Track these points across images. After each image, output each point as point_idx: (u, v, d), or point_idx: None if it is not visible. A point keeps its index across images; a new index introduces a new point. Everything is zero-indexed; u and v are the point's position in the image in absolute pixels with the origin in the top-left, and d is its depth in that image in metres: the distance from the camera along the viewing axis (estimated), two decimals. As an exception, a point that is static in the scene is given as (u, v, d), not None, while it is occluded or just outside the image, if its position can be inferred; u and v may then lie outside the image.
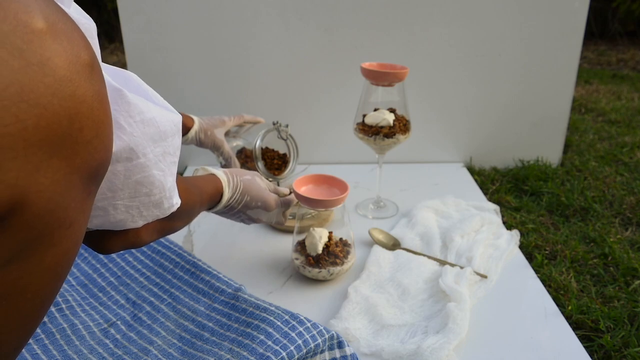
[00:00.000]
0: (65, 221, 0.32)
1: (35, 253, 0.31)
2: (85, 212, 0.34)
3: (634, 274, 0.87)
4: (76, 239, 0.34)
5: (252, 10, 1.14)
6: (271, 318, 0.64)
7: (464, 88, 1.23)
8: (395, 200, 1.08)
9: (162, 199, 0.48)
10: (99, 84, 0.32)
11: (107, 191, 0.43)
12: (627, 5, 2.79)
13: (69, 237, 0.33)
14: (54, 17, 0.30)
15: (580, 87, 2.05)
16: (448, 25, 1.17)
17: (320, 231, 0.82)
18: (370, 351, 0.67)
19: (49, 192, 0.30)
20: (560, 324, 0.73)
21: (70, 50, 0.30)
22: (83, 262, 0.82)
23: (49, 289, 0.34)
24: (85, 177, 0.32)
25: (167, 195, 0.48)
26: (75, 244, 0.34)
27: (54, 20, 0.30)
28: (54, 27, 0.29)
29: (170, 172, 0.48)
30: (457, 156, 1.30)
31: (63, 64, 0.29)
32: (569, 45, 1.19)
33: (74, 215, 0.32)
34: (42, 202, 0.29)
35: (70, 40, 0.30)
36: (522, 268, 0.86)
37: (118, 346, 0.65)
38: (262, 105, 1.23)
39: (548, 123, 1.27)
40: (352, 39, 1.18)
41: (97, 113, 0.32)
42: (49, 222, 0.30)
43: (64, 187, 0.31)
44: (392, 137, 0.94)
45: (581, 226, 1.02)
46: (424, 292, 0.79)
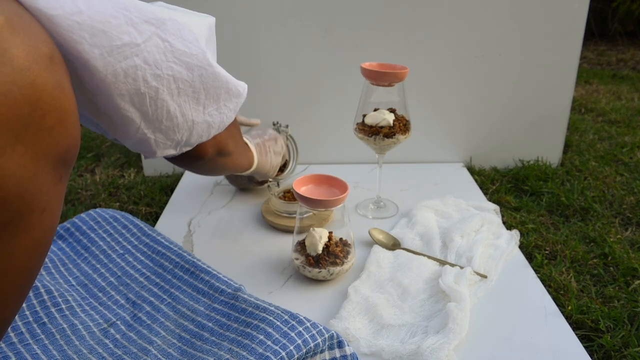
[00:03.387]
0: (38, 206, 0.33)
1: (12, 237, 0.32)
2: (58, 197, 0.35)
3: (634, 274, 0.87)
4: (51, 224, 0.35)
5: (252, 10, 1.14)
6: (271, 318, 0.64)
7: (463, 88, 1.23)
8: (395, 200, 1.08)
9: (236, 86, 0.53)
10: (60, 74, 0.34)
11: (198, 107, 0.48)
12: (627, 5, 2.79)
13: (43, 222, 0.34)
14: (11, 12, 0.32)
15: (580, 87, 2.05)
16: (448, 25, 1.17)
17: (320, 231, 0.82)
18: (370, 351, 0.67)
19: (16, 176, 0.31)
20: (560, 324, 0.73)
21: (29, 42, 0.32)
22: (83, 262, 0.82)
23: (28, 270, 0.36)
24: (54, 163, 0.33)
25: (235, 82, 0.53)
26: (51, 228, 0.36)
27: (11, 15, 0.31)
28: (11, 21, 0.31)
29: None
30: (457, 156, 1.30)
31: (21, 54, 0.31)
32: (569, 45, 1.19)
33: (46, 200, 0.34)
34: (10, 187, 0.31)
35: (29, 34, 0.32)
36: (522, 268, 0.86)
37: (118, 346, 0.65)
38: (262, 105, 1.23)
39: (548, 123, 1.27)
40: (352, 39, 1.18)
41: (60, 101, 0.33)
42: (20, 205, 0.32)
43: (32, 172, 0.32)
44: (392, 137, 0.93)
45: (581, 226, 1.02)
46: (424, 292, 0.79)
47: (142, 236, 0.84)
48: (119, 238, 0.85)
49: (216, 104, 0.51)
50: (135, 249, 0.83)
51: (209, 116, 0.51)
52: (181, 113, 0.48)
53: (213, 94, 0.50)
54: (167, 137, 0.49)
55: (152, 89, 0.44)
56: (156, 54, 0.43)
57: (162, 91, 0.45)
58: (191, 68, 0.46)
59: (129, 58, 0.42)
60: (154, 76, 0.44)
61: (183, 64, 0.45)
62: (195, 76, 0.47)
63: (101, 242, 0.85)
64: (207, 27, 0.49)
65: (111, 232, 0.87)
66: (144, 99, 0.45)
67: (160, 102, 0.45)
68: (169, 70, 0.45)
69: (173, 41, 0.44)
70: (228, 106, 0.54)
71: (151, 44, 0.43)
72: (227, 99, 0.53)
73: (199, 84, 0.48)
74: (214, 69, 0.49)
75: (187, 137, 0.51)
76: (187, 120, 0.49)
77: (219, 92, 0.51)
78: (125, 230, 0.87)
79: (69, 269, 0.81)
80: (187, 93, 0.47)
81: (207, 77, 0.48)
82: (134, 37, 0.42)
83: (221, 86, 0.51)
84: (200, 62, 0.47)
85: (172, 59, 0.44)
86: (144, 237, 0.84)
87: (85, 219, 0.89)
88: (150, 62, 0.43)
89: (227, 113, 0.54)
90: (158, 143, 0.49)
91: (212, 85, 0.49)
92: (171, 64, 0.44)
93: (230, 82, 0.53)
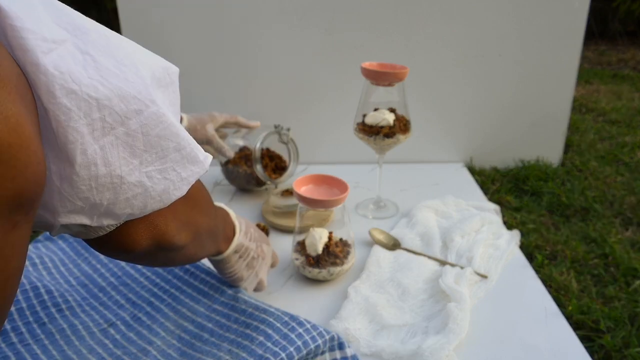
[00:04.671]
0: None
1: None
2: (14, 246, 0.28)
3: (634, 274, 0.87)
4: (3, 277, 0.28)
5: (252, 10, 1.14)
6: (270, 319, 0.64)
7: (464, 88, 1.23)
8: (395, 200, 1.08)
9: (194, 150, 0.39)
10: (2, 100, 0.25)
11: (132, 160, 0.34)
12: (627, 5, 2.79)
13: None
14: None
15: (581, 87, 2.04)
16: (448, 25, 1.17)
17: (320, 231, 0.82)
18: (371, 351, 0.67)
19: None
20: (561, 324, 0.73)
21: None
22: (83, 262, 0.82)
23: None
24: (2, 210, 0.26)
25: (196, 145, 0.39)
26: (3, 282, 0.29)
27: None
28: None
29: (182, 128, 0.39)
30: (457, 156, 1.30)
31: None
32: (569, 45, 1.19)
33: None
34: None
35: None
36: (523, 268, 0.86)
37: (117, 346, 0.65)
38: (262, 105, 1.23)
39: (548, 123, 1.27)
40: (353, 39, 1.17)
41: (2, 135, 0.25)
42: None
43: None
44: (392, 137, 0.93)
45: (582, 226, 1.02)
46: (424, 292, 0.79)
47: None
48: (119, 238, 0.85)
49: (160, 164, 0.36)
50: (135, 249, 0.82)
51: (147, 178, 0.36)
52: (104, 160, 0.33)
53: (156, 147, 0.35)
54: (78, 193, 0.33)
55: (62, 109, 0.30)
56: (71, 64, 0.30)
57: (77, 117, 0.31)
58: (125, 98, 0.33)
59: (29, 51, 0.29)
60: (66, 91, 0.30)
61: (113, 87, 0.32)
62: (131, 111, 0.33)
63: (101, 242, 0.85)
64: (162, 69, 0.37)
65: (111, 233, 0.86)
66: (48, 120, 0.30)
67: (72, 134, 0.31)
68: (91, 89, 0.31)
69: (98, 57, 0.32)
70: (179, 172, 0.38)
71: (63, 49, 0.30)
72: (178, 161, 0.37)
73: (136, 124, 0.33)
74: (159, 110, 0.35)
75: (110, 201, 0.35)
76: (113, 175, 0.33)
77: (166, 146, 0.36)
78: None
79: (69, 269, 0.81)
80: (116, 133, 0.33)
81: (149, 117, 0.34)
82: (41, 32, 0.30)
83: (170, 138, 0.36)
84: (138, 94, 0.33)
85: (97, 77, 0.31)
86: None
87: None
88: (62, 68, 0.30)
89: (177, 182, 0.38)
90: (63, 199, 0.33)
91: (155, 132, 0.35)
92: (95, 82, 0.31)
93: (185, 140, 0.38)
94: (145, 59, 0.36)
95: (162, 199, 0.38)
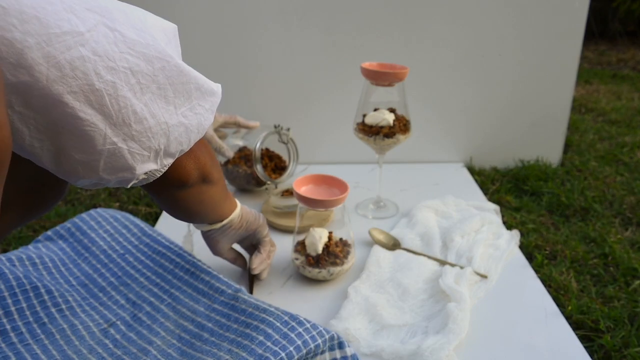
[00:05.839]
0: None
1: None
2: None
3: (634, 274, 0.87)
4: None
5: (252, 11, 1.14)
6: (270, 319, 0.64)
7: (464, 88, 1.23)
8: (395, 200, 1.08)
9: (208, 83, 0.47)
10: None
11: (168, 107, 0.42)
12: (627, 5, 2.79)
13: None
14: None
15: (580, 87, 2.05)
16: (448, 25, 1.17)
17: (320, 231, 0.82)
18: (371, 351, 0.67)
19: None
20: (560, 324, 0.73)
21: None
22: (84, 262, 0.82)
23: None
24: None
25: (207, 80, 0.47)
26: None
27: None
28: None
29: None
30: (457, 156, 1.30)
31: None
32: (569, 45, 1.19)
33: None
34: None
35: None
36: (522, 268, 0.86)
37: (117, 346, 0.65)
38: (262, 105, 1.23)
39: (548, 123, 1.27)
40: (353, 39, 1.18)
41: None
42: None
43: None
44: (392, 137, 0.93)
45: (581, 226, 1.02)
46: (424, 292, 0.79)
47: (143, 236, 0.84)
48: (119, 238, 0.85)
49: (189, 103, 0.45)
50: (135, 249, 0.83)
51: (184, 117, 0.44)
52: (150, 114, 0.41)
53: (182, 91, 0.43)
54: (142, 146, 0.42)
55: (109, 84, 0.37)
56: (106, 45, 0.37)
57: (122, 87, 0.38)
58: (150, 60, 0.40)
59: (72, 48, 0.35)
60: (108, 69, 0.37)
61: (140, 55, 0.39)
62: (157, 69, 0.40)
63: (101, 242, 0.85)
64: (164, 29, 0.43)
65: (111, 232, 0.87)
66: (102, 97, 0.37)
67: (123, 100, 0.38)
68: (125, 62, 0.38)
69: (124, 30, 0.38)
70: (203, 106, 0.47)
71: (98, 34, 0.36)
72: (200, 97, 0.46)
73: (163, 78, 0.41)
74: (176, 62, 0.42)
75: (165, 144, 0.44)
76: (160, 123, 0.42)
77: (188, 88, 0.44)
78: (126, 230, 0.87)
79: (70, 268, 0.81)
80: (151, 90, 0.40)
81: (171, 70, 0.42)
82: (75, 24, 0.35)
83: (190, 82, 0.44)
84: (159, 54, 0.40)
85: (126, 49, 0.38)
86: (144, 237, 0.84)
87: (86, 219, 0.89)
88: (100, 53, 0.36)
89: (204, 114, 0.47)
90: (134, 155, 0.41)
91: (178, 80, 0.43)
92: (125, 55, 0.38)
93: (200, 78, 0.46)
94: (153, 21, 0.42)
95: (198, 129, 0.47)
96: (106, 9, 0.37)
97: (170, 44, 0.43)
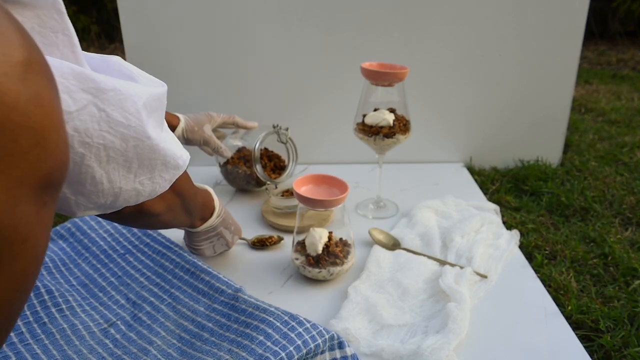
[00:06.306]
0: (17, 238, 0.29)
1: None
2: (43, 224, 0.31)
3: (634, 274, 0.87)
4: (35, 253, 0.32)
5: (252, 11, 1.14)
6: (270, 319, 0.64)
7: (464, 88, 1.23)
8: (395, 200, 1.08)
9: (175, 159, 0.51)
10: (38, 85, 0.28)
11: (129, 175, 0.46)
12: (627, 5, 2.79)
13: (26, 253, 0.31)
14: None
15: (580, 87, 2.05)
16: (448, 25, 1.17)
17: (320, 231, 0.82)
18: (371, 351, 0.67)
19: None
20: (560, 324, 0.73)
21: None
22: (84, 262, 0.82)
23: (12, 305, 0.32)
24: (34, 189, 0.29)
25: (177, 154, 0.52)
26: (35, 258, 0.32)
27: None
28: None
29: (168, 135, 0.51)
30: (457, 156, 1.30)
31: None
32: (569, 45, 1.19)
33: (27, 230, 0.30)
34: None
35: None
36: (522, 268, 0.86)
37: (117, 346, 0.65)
38: (262, 105, 1.23)
39: (548, 123, 1.27)
40: (352, 39, 1.18)
41: (35, 119, 0.28)
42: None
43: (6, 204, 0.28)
44: (392, 137, 0.94)
45: (581, 226, 1.02)
46: (424, 292, 0.79)
47: (143, 236, 0.85)
48: (120, 238, 0.85)
49: (150, 174, 0.49)
50: (135, 249, 0.83)
51: (140, 184, 0.49)
52: (108, 179, 0.45)
53: (147, 165, 0.48)
54: (90, 201, 0.46)
55: (78, 154, 0.41)
56: (89, 123, 0.41)
57: (89, 158, 0.42)
58: (126, 139, 0.44)
59: None
60: (82, 143, 0.41)
61: (118, 134, 0.43)
62: (130, 147, 0.44)
63: (102, 242, 0.85)
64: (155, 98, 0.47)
65: (112, 232, 0.87)
66: None
67: (85, 168, 0.42)
68: (100, 139, 0.42)
69: (111, 112, 0.42)
70: (163, 177, 0.51)
71: (85, 113, 0.40)
72: (163, 169, 0.50)
73: (133, 154, 0.45)
74: (151, 142, 0.47)
75: (112, 201, 0.48)
76: (114, 187, 0.46)
77: (154, 163, 0.48)
78: (126, 230, 0.87)
79: (70, 268, 0.81)
80: (117, 161, 0.45)
81: (143, 148, 0.46)
82: (67, 104, 0.39)
83: (157, 158, 0.48)
84: (137, 134, 0.45)
85: (106, 128, 0.42)
86: (144, 237, 0.84)
87: (86, 219, 0.89)
88: (80, 129, 0.40)
89: (161, 183, 0.52)
90: (79, 205, 0.46)
91: (147, 156, 0.47)
92: (104, 133, 0.42)
93: (169, 155, 0.50)
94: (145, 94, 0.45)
95: (150, 195, 0.51)
96: (101, 90, 0.41)
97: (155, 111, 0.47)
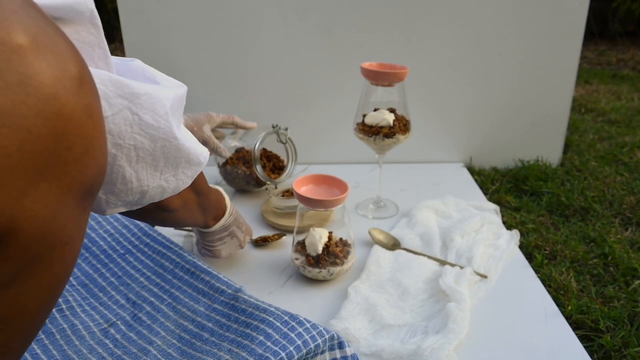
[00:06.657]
0: (61, 241, 0.31)
1: (32, 275, 0.30)
2: (81, 228, 0.33)
3: (634, 274, 0.87)
4: (73, 255, 0.33)
5: (252, 10, 1.14)
6: (270, 319, 0.64)
7: (464, 88, 1.23)
8: (395, 200, 1.08)
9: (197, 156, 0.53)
10: (89, 97, 0.30)
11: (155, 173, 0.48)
12: (627, 5, 2.79)
13: (66, 255, 0.32)
14: (37, 30, 0.28)
15: (580, 87, 2.05)
16: (448, 25, 1.17)
17: (320, 231, 0.82)
18: (370, 351, 0.67)
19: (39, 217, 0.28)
20: (560, 324, 0.73)
21: (55, 65, 0.28)
22: (84, 262, 0.82)
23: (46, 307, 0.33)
24: (79, 195, 0.31)
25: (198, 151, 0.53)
26: (72, 260, 0.33)
27: (36, 33, 0.28)
28: (36, 42, 0.27)
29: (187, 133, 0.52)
30: (457, 156, 1.30)
31: (47, 81, 0.27)
32: (569, 45, 1.19)
33: (69, 234, 0.31)
34: (34, 228, 0.28)
35: (56, 54, 0.28)
36: (522, 268, 0.86)
37: (117, 346, 0.65)
38: (262, 105, 1.23)
39: (548, 123, 1.27)
40: (352, 39, 1.18)
41: (87, 128, 0.30)
42: (43, 245, 0.30)
43: (56, 209, 0.29)
44: (392, 137, 0.94)
45: (581, 226, 1.02)
46: (424, 292, 0.79)
47: (143, 236, 0.85)
48: (120, 238, 0.85)
49: (174, 171, 0.51)
50: (135, 249, 0.83)
51: (165, 182, 0.51)
52: (137, 178, 0.47)
53: (172, 163, 0.50)
54: (119, 199, 0.48)
55: (110, 155, 0.43)
56: (122, 126, 0.43)
57: (120, 158, 0.44)
58: (155, 140, 0.46)
59: None
60: (114, 145, 0.43)
61: (148, 135, 0.45)
62: (158, 147, 0.47)
63: (102, 242, 0.85)
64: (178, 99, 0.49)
65: (112, 232, 0.87)
66: None
67: (117, 168, 0.44)
68: (132, 140, 0.44)
69: (143, 115, 0.44)
70: (186, 173, 0.53)
71: (119, 117, 0.42)
72: (187, 167, 0.53)
73: (160, 153, 0.47)
74: (177, 142, 0.49)
75: (138, 198, 0.50)
76: (142, 185, 0.48)
77: (179, 161, 0.51)
78: (126, 230, 0.87)
79: (69, 269, 0.81)
80: (146, 160, 0.47)
81: (170, 148, 0.48)
82: (104, 109, 0.41)
83: (182, 156, 0.51)
84: (165, 135, 0.47)
85: (138, 130, 0.44)
86: (144, 237, 0.84)
87: (86, 219, 0.89)
88: (114, 132, 0.42)
89: (184, 179, 0.54)
90: (109, 203, 0.48)
91: (172, 155, 0.49)
92: (135, 135, 0.44)
93: (192, 153, 0.53)
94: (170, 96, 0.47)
95: (174, 191, 0.52)
96: (136, 95, 0.43)
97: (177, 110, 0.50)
